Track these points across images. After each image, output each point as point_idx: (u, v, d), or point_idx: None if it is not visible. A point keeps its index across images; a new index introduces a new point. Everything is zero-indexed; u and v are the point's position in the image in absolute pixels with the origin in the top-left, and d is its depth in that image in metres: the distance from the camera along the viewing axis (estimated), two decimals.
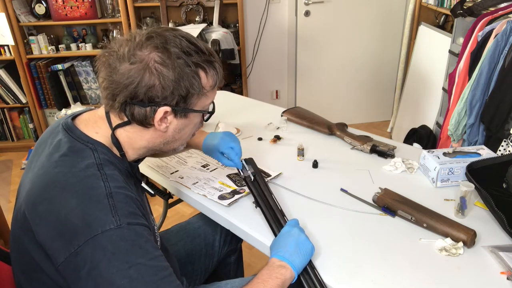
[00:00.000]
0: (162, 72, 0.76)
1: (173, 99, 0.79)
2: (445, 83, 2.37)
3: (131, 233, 0.72)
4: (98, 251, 0.69)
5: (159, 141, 0.86)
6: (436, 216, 1.01)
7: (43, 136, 0.90)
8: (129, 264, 0.70)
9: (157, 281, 0.71)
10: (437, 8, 2.72)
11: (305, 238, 0.90)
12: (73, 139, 0.81)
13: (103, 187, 0.74)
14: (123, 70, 0.76)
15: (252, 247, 1.06)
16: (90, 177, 0.75)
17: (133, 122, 0.81)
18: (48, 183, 0.76)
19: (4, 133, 3.31)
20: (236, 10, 3.02)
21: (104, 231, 0.70)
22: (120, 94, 0.78)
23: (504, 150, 1.72)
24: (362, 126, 3.52)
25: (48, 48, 3.01)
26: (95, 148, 0.81)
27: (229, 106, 1.86)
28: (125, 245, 0.71)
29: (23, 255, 0.80)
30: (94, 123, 0.85)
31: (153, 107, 0.79)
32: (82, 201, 0.72)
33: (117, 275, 0.69)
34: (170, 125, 0.83)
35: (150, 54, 0.76)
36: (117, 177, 0.78)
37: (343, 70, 3.43)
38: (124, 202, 0.75)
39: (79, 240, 0.70)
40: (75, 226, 0.70)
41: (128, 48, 0.77)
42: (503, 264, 0.89)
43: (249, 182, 1.10)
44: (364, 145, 1.39)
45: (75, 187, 0.74)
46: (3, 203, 2.62)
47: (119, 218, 0.72)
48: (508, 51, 1.73)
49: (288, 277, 0.84)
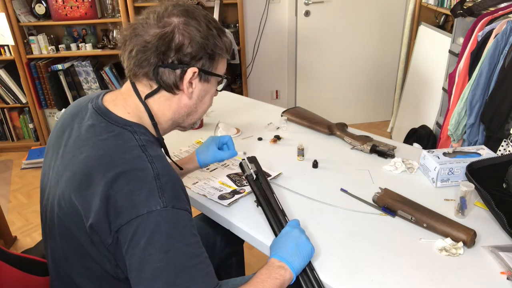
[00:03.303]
0: (190, 33, 0.81)
1: (200, 59, 0.84)
2: (445, 83, 2.38)
3: (175, 216, 0.74)
4: (141, 230, 0.71)
5: (184, 111, 0.90)
6: (436, 216, 1.01)
7: (65, 121, 0.90)
8: (168, 247, 0.72)
9: (190, 268, 0.73)
10: (437, 8, 2.72)
11: (305, 239, 0.90)
12: (110, 124, 0.82)
13: (150, 169, 0.76)
14: (152, 33, 0.80)
15: (252, 247, 1.06)
16: (137, 158, 0.77)
17: (162, 89, 0.84)
18: (93, 166, 0.77)
19: (4, 133, 3.31)
20: (236, 10, 3.02)
21: (150, 212, 0.72)
22: (151, 56, 0.81)
23: (504, 150, 1.72)
24: (362, 126, 3.52)
25: (48, 48, 3.01)
26: (134, 130, 0.82)
27: (229, 106, 1.86)
28: (166, 228, 0.72)
29: (72, 238, 0.81)
30: (124, 102, 0.86)
31: (182, 69, 0.83)
32: (130, 182, 0.74)
33: (154, 256, 0.71)
34: (195, 90, 0.87)
35: (178, 19, 0.82)
36: (161, 158, 0.80)
37: (343, 70, 3.43)
38: (170, 184, 0.76)
39: (124, 219, 0.72)
40: (122, 207, 0.72)
41: (155, 17, 0.82)
42: (503, 264, 0.89)
43: (251, 181, 1.10)
44: (364, 145, 1.39)
45: (122, 168, 0.75)
46: (3, 203, 2.62)
47: (165, 200, 0.73)
48: (508, 51, 1.73)
49: (287, 278, 0.84)
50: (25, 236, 2.33)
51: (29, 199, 2.67)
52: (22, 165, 3.02)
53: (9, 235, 2.25)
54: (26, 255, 1.04)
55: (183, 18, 0.82)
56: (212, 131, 1.61)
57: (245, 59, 3.17)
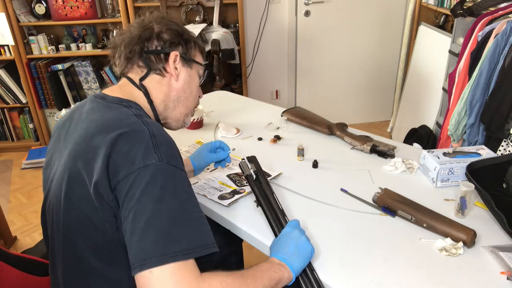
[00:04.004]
0: (167, 24, 0.98)
1: (178, 44, 0.98)
2: (445, 83, 2.38)
3: (170, 171, 0.78)
4: (136, 184, 0.75)
5: (174, 95, 1.00)
6: (436, 216, 1.01)
7: (62, 122, 0.98)
8: (162, 198, 0.74)
9: (182, 220, 0.75)
10: (437, 8, 2.72)
11: (305, 240, 0.90)
12: (107, 102, 0.92)
13: (146, 130, 0.82)
14: (137, 31, 0.97)
15: (252, 247, 1.06)
16: (134, 123, 0.84)
17: (151, 71, 0.96)
18: (94, 134, 0.83)
19: (4, 133, 3.31)
20: (236, 10, 3.02)
21: (146, 165, 0.76)
22: (137, 44, 0.95)
23: (504, 150, 1.72)
24: (362, 126, 3.52)
25: (48, 48, 3.01)
26: (129, 105, 0.92)
27: (229, 106, 1.86)
28: (161, 180, 0.76)
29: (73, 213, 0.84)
30: (119, 89, 0.97)
31: (165, 52, 0.96)
32: (129, 141, 0.79)
33: (147, 205, 0.74)
34: (181, 73, 0.99)
35: (155, 19, 0.99)
36: (157, 125, 0.87)
37: (343, 70, 3.43)
38: (166, 144, 0.81)
39: (121, 175, 0.76)
40: (120, 164, 0.77)
41: (139, 22, 0.99)
42: (503, 264, 0.89)
43: (251, 181, 1.10)
44: (364, 145, 1.39)
45: (122, 130, 0.81)
46: (3, 203, 2.62)
47: (161, 155, 0.78)
48: (508, 51, 1.73)
49: (286, 276, 0.84)
50: (25, 236, 2.32)
51: (29, 199, 2.67)
52: (22, 165, 3.02)
53: (9, 235, 2.25)
54: (26, 255, 1.04)
55: (160, 19, 0.99)
56: (212, 131, 1.61)
57: (245, 59, 3.17)
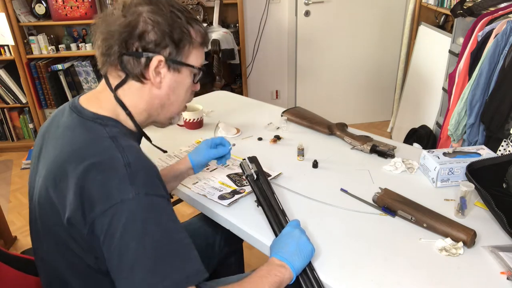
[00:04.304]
0: (155, 20, 0.80)
1: (166, 47, 0.82)
2: (445, 83, 2.38)
3: (149, 203, 0.73)
4: (115, 221, 0.70)
5: (157, 102, 0.87)
6: (436, 216, 1.01)
7: (44, 128, 0.92)
8: (144, 233, 0.71)
9: (168, 253, 0.72)
10: (437, 8, 2.72)
11: (305, 239, 0.90)
12: (83, 119, 0.83)
13: (120, 158, 0.75)
14: (117, 22, 0.81)
15: (252, 247, 1.06)
16: (107, 149, 0.77)
17: (130, 78, 0.83)
18: (65, 160, 0.78)
19: (4, 133, 3.31)
20: (236, 10, 3.02)
21: (123, 200, 0.71)
22: (115, 44, 0.80)
23: (504, 150, 1.72)
24: (362, 126, 3.52)
25: (48, 48, 3.01)
26: (105, 124, 0.83)
27: (229, 106, 1.86)
28: (141, 215, 0.72)
29: (53, 236, 0.81)
30: (96, 99, 0.87)
31: (147, 57, 0.81)
32: (101, 172, 0.73)
33: (131, 244, 0.70)
34: (164, 80, 0.85)
35: (142, 7, 0.81)
36: (133, 147, 0.80)
37: (343, 70, 3.43)
38: (142, 171, 0.75)
39: (98, 210, 0.71)
40: (95, 197, 0.72)
41: (122, 6, 0.82)
42: (503, 264, 0.89)
43: (251, 181, 1.10)
44: (364, 145, 1.39)
45: (93, 159, 0.75)
46: (3, 203, 2.62)
47: (137, 188, 0.72)
48: (508, 51, 1.73)
49: (287, 277, 0.84)
50: (25, 236, 2.32)
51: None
52: (22, 165, 3.02)
53: (9, 235, 2.25)
54: (25, 255, 1.04)
55: (148, 6, 0.81)
56: (212, 131, 1.61)
57: (245, 59, 3.17)
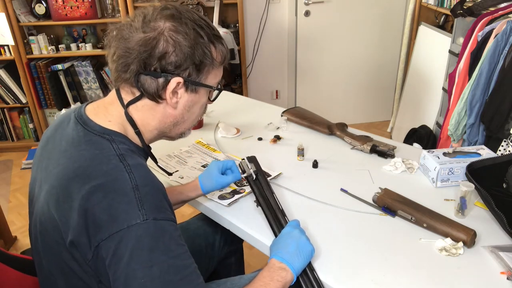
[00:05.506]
0: (176, 40, 0.76)
1: (186, 69, 0.79)
2: (445, 83, 2.37)
3: (157, 228, 0.71)
4: (122, 245, 0.68)
5: (169, 121, 0.85)
6: (436, 216, 1.01)
7: (49, 132, 0.88)
8: (152, 262, 0.68)
9: (177, 281, 0.70)
10: (437, 8, 2.72)
11: (305, 240, 0.90)
12: (89, 132, 0.79)
13: (128, 180, 0.72)
14: (136, 38, 0.76)
15: (252, 247, 1.06)
16: (114, 169, 0.73)
17: (144, 96, 0.80)
18: (69, 178, 0.74)
19: (4, 133, 3.31)
20: (236, 10, 3.02)
21: (130, 226, 0.69)
22: (132, 63, 0.77)
23: (504, 150, 1.72)
24: (362, 126, 3.52)
25: (48, 48, 3.01)
26: (112, 139, 0.79)
27: (229, 106, 1.86)
28: (149, 242, 0.69)
29: (54, 255, 0.78)
30: (105, 111, 0.83)
31: (165, 78, 0.78)
32: (107, 195, 0.70)
33: (138, 272, 0.68)
34: (181, 100, 0.82)
35: (164, 23, 0.77)
36: (141, 166, 0.76)
37: (343, 70, 3.43)
38: (150, 194, 0.73)
39: (104, 234, 0.69)
40: (101, 221, 0.69)
41: (142, 19, 0.78)
42: (503, 264, 0.89)
43: (251, 181, 1.10)
44: (364, 145, 1.39)
45: (99, 180, 0.72)
46: (3, 203, 2.62)
47: (146, 213, 0.70)
48: (508, 51, 1.73)
49: (289, 279, 0.84)
50: (25, 236, 2.32)
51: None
52: (22, 165, 3.02)
53: (9, 235, 2.25)
54: (25, 256, 1.04)
55: (170, 23, 0.77)
56: (212, 131, 1.61)
57: (245, 59, 3.17)
